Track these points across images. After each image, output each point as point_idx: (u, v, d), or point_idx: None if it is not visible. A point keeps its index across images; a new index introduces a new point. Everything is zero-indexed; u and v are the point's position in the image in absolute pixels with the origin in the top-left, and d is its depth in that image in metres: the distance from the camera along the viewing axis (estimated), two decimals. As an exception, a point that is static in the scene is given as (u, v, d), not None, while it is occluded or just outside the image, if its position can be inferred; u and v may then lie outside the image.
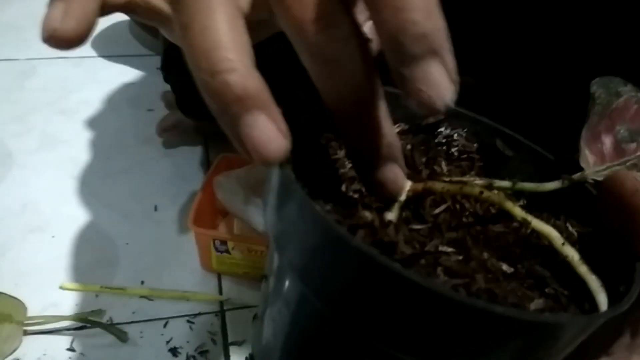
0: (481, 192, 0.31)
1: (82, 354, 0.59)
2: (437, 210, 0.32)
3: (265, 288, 0.36)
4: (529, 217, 0.30)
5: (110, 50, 1.04)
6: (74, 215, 0.74)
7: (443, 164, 0.36)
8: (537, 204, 0.34)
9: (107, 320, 0.62)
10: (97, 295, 0.65)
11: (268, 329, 0.35)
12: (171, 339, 0.61)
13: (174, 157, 0.84)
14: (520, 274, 0.30)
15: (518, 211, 0.31)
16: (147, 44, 1.06)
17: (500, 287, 0.28)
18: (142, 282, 0.67)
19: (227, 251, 0.64)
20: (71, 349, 0.60)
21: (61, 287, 0.65)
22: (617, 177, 0.30)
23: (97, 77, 0.98)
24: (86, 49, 1.03)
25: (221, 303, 0.65)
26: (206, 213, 0.69)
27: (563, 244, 0.29)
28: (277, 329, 0.34)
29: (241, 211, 0.66)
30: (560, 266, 0.30)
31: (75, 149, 0.84)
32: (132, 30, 1.09)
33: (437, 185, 0.31)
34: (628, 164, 0.32)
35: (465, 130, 0.38)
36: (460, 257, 0.29)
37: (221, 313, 0.65)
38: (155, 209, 0.76)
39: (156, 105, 0.89)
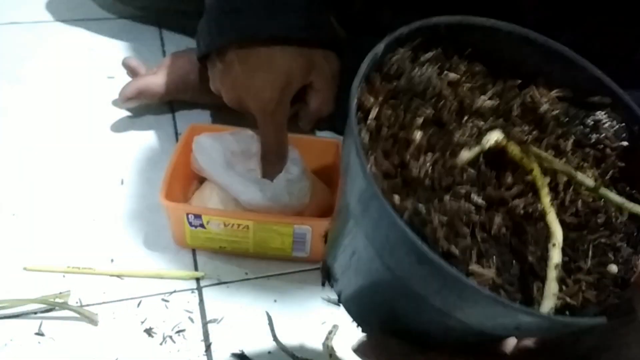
0: (531, 170, 0.32)
1: (52, 338, 0.56)
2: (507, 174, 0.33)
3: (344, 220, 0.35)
4: (550, 210, 0.30)
5: (66, 14, 0.98)
6: (34, 191, 0.70)
7: (570, 142, 0.36)
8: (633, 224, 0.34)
9: (77, 302, 0.59)
10: (64, 276, 0.61)
11: (344, 256, 0.36)
12: (145, 319, 0.58)
13: (140, 126, 0.80)
14: None
15: (546, 200, 0.31)
16: (107, 7, 1.00)
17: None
18: (112, 261, 0.63)
19: (202, 225, 0.61)
20: (40, 334, 0.56)
21: (25, 269, 0.61)
22: None
23: (53, 43, 0.92)
24: (41, 13, 0.96)
25: (197, 280, 0.63)
26: (178, 185, 0.66)
27: (554, 245, 0.30)
28: (351, 263, 0.35)
29: (221, 177, 0.63)
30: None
31: (32, 120, 0.79)
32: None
33: (512, 147, 0.33)
34: None
35: (621, 124, 0.36)
36: (474, 210, 0.31)
37: (198, 290, 0.62)
38: (122, 182, 0.72)
39: (117, 72, 0.84)
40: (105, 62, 0.88)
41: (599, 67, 0.37)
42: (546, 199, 0.30)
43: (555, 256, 0.30)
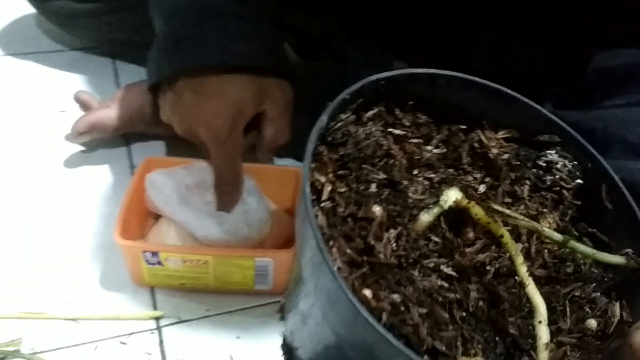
0: (501, 236, 0.31)
1: (1, 390, 0.53)
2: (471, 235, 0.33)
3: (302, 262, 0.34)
4: (529, 281, 0.30)
5: (16, 48, 0.95)
6: (-17, 233, 0.67)
7: (526, 188, 0.36)
8: (604, 271, 0.34)
9: (30, 350, 0.56)
10: (16, 323, 0.58)
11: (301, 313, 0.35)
12: (103, 365, 0.56)
13: (93, 161, 0.77)
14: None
15: (522, 271, 0.30)
16: (58, 39, 0.97)
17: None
18: (66, 304, 0.61)
19: (160, 263, 0.59)
20: (-11, 386, 0.53)
21: (-27, 317, 0.58)
22: None
23: (3, 77, 0.90)
24: (-11, 47, 0.94)
25: (156, 319, 0.60)
26: (133, 221, 0.63)
27: (541, 322, 0.29)
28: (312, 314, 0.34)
29: (176, 214, 0.61)
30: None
31: (-19, 158, 0.76)
32: (41, 24, 1.00)
33: (475, 210, 0.31)
34: None
35: (573, 162, 0.36)
36: (447, 285, 0.30)
37: (157, 330, 0.60)
38: (76, 220, 0.69)
39: (69, 106, 0.81)
40: (56, 96, 0.86)
41: (548, 88, 0.37)
42: (523, 268, 0.30)
43: (544, 335, 0.29)
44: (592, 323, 0.32)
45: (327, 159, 0.32)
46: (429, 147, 0.35)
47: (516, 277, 0.31)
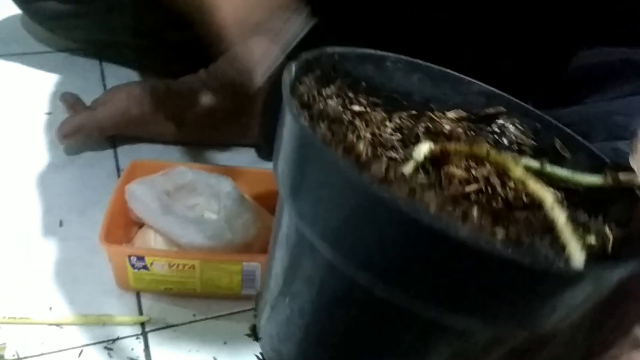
0: (487, 153, 0.31)
1: (-17, 397, 0.52)
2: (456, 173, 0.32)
3: (273, 272, 0.34)
4: (529, 179, 0.29)
5: (2, 49, 0.94)
6: (-33, 237, 0.66)
7: (488, 145, 0.36)
8: (580, 200, 0.33)
9: (13, 355, 0.55)
10: (-2, 328, 0.58)
11: (283, 313, 0.34)
12: (87, 370, 0.55)
13: (79, 164, 0.77)
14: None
15: (519, 171, 0.30)
16: (44, 40, 0.97)
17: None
18: (50, 309, 0.60)
19: (146, 267, 0.59)
20: (-29, 393, 0.53)
21: (-45, 322, 0.57)
22: None
23: (-12, 79, 0.89)
24: (-26, 48, 0.93)
25: (142, 324, 0.60)
26: (119, 225, 0.63)
27: (553, 208, 0.28)
28: (297, 310, 0.33)
29: (158, 222, 0.60)
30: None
31: (-35, 161, 0.75)
32: (27, 25, 0.99)
33: (451, 146, 0.32)
34: None
35: (523, 124, 0.37)
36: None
37: (143, 335, 0.59)
38: (61, 224, 0.69)
39: (55, 108, 0.80)
40: (42, 98, 0.85)
41: (532, 88, 0.38)
42: (518, 169, 0.29)
43: (560, 215, 0.28)
44: (591, 240, 0.31)
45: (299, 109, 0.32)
46: (387, 130, 0.35)
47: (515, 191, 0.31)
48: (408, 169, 0.31)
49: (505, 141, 0.37)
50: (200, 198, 0.64)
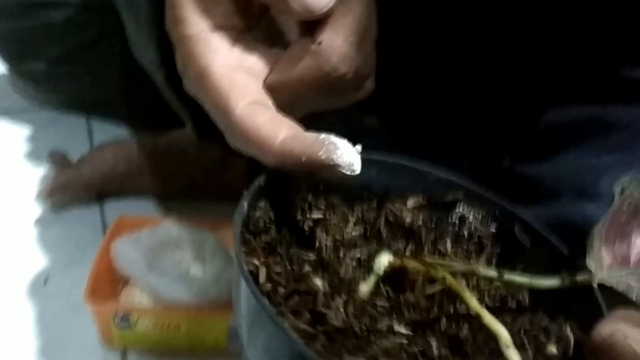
0: (444, 278, 0.31)
1: None
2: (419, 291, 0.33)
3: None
4: (483, 312, 0.29)
5: (-12, 106, 0.95)
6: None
7: (448, 243, 0.37)
8: (542, 299, 0.34)
9: (-7, 418, 0.54)
10: (-21, 390, 0.57)
11: None
12: None
13: (65, 220, 0.77)
14: None
15: (474, 303, 0.30)
16: (31, 99, 0.97)
17: None
18: (33, 369, 0.59)
19: (130, 326, 0.58)
20: None
21: None
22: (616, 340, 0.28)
23: (-26, 137, 0.89)
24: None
25: (127, 383, 0.59)
26: (104, 283, 0.62)
27: (508, 346, 0.29)
28: None
29: (144, 279, 0.60)
30: None
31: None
32: (14, 83, 1.00)
33: (411, 264, 0.32)
34: None
35: (482, 212, 0.38)
36: (406, 341, 0.29)
37: (128, 395, 0.58)
38: (45, 281, 0.68)
39: (41, 165, 0.81)
40: (29, 155, 0.85)
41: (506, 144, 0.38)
42: (473, 301, 0.30)
43: (514, 356, 0.29)
44: (552, 349, 0.32)
45: (255, 245, 0.33)
46: (348, 229, 0.36)
47: (470, 317, 0.31)
48: (367, 287, 0.32)
49: (465, 233, 0.38)
50: (185, 254, 0.64)
